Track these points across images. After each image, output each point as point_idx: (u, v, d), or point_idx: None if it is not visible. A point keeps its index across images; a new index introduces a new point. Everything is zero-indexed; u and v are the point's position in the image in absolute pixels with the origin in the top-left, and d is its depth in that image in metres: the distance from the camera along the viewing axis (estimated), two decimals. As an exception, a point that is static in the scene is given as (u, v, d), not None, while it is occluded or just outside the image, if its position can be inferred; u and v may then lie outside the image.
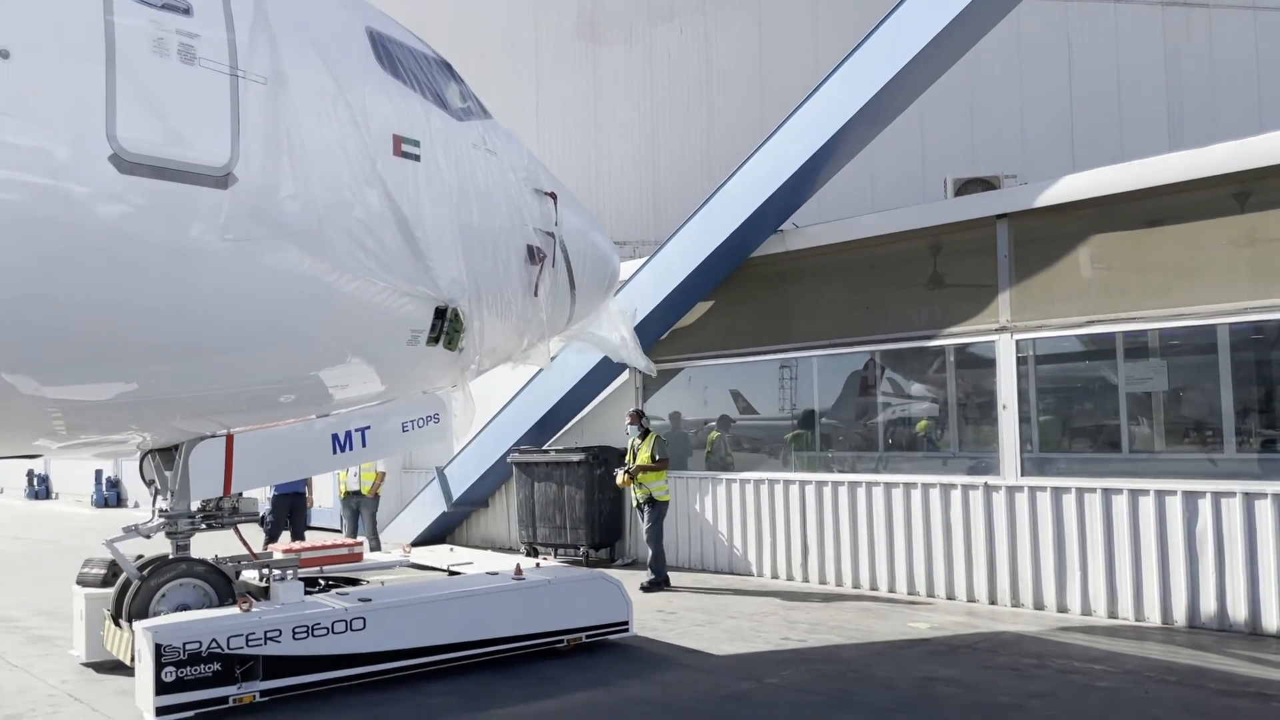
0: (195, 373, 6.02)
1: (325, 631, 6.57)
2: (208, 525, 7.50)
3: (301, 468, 9.00)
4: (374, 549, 11.99)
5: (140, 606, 6.88)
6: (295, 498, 12.25)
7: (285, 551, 8.66)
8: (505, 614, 7.47)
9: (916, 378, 11.24)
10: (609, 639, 7.98)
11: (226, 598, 7.14)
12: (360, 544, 9.88)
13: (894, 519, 10.07)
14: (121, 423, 6.49)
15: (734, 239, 10.90)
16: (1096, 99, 18.32)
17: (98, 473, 25.85)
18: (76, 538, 16.77)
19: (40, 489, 29.43)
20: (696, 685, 6.76)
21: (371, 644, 6.74)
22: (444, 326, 6.89)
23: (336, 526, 13.85)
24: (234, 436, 7.14)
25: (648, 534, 10.81)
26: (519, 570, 8.01)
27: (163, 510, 7.29)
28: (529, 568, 8.22)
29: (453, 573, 8.68)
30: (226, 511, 7.57)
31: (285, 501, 12.13)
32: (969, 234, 9.83)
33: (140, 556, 7.50)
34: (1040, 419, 9.66)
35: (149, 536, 7.29)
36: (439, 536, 14.29)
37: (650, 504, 10.87)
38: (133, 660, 6.38)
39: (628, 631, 8.04)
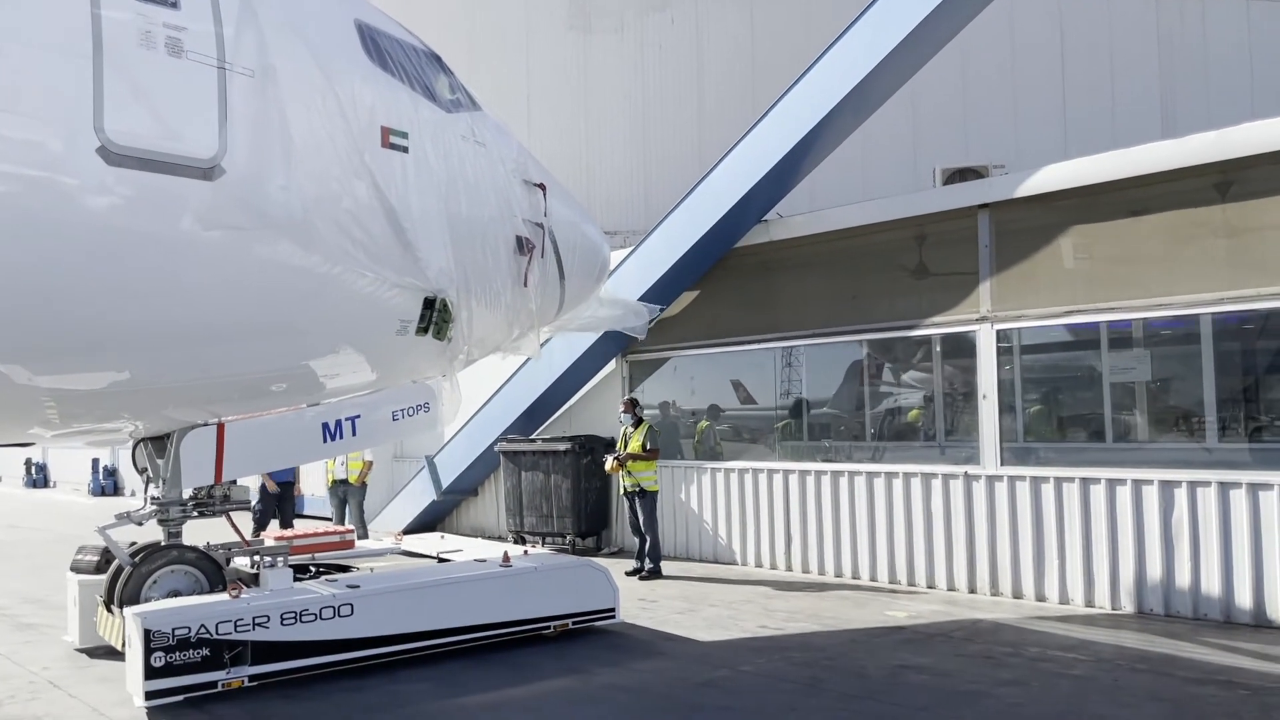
0: (186, 362, 6.11)
1: (313, 617, 6.65)
2: (199, 513, 7.61)
3: (292, 456, 9.06)
4: (361, 537, 12.03)
5: (132, 592, 6.98)
6: (284, 486, 12.30)
7: (276, 539, 8.75)
8: (492, 600, 7.56)
9: (907, 367, 11.27)
10: (596, 625, 8.05)
11: (217, 584, 7.24)
12: (351, 532, 9.98)
13: (876, 508, 10.11)
14: (113, 411, 6.58)
15: (718, 229, 10.92)
16: (1090, 88, 18.27)
17: (94, 461, 25.94)
18: (71, 526, 16.84)
19: (38, 477, 29.54)
20: (669, 673, 6.81)
21: (359, 630, 6.83)
22: (433, 317, 6.98)
23: (326, 515, 13.90)
24: (225, 425, 7.22)
25: (643, 524, 10.85)
26: (506, 558, 8.09)
27: (155, 498, 7.39)
28: (517, 555, 8.30)
29: (442, 560, 8.77)
30: (218, 499, 7.69)
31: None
32: (952, 224, 9.84)
33: (133, 543, 7.59)
34: (1027, 409, 9.69)
35: (141, 523, 7.39)
36: (429, 525, 14.33)
37: (640, 494, 10.92)
38: (124, 645, 6.47)
39: (614, 618, 8.12)
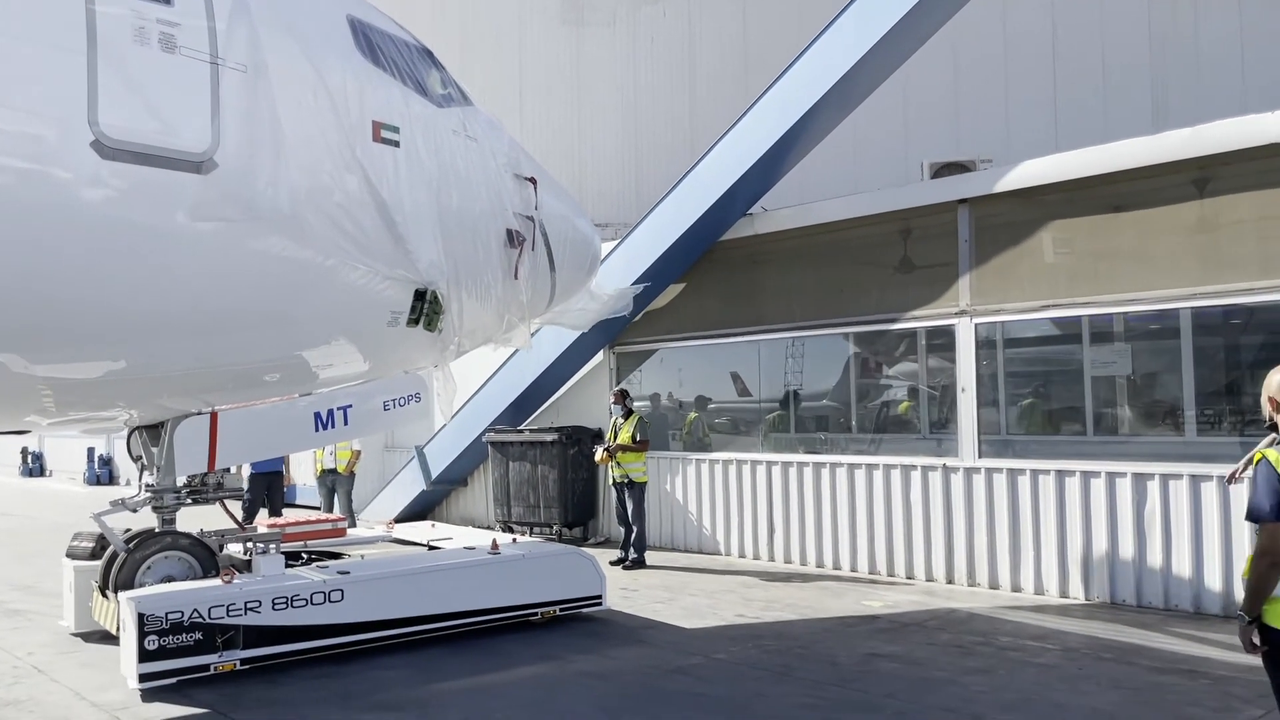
0: (180, 352, 6.24)
1: (304, 603, 6.79)
2: (193, 500, 7.75)
3: (284, 445, 9.22)
4: (349, 526, 12.14)
5: (126, 578, 7.12)
6: (273, 476, 12.42)
7: (269, 527, 8.87)
8: (481, 587, 7.70)
9: (895, 360, 11.35)
10: (583, 611, 8.19)
11: (210, 570, 7.37)
12: (343, 520, 10.15)
13: (857, 499, 10.22)
14: (109, 400, 6.72)
15: (704, 222, 11.00)
16: (1081, 82, 18.28)
17: (90, 450, 26.05)
18: (64, 515, 16.93)
19: (34, 466, 29.67)
20: (642, 660, 6.92)
21: (349, 615, 6.97)
22: (423, 308, 7.11)
23: (315, 504, 14.01)
24: (218, 414, 7.34)
25: (631, 515, 10.96)
26: (495, 545, 8.23)
27: (149, 485, 7.52)
28: (505, 543, 8.43)
29: (432, 548, 8.90)
30: (211, 487, 7.83)
31: (263, 480, 12.29)
32: (935, 218, 9.91)
33: (128, 530, 7.71)
34: (1009, 402, 9.77)
35: (136, 510, 7.51)
36: (419, 514, 14.44)
37: (629, 485, 11.01)
38: (118, 629, 6.61)
39: (601, 605, 8.25)
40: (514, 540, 8.88)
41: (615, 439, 11.13)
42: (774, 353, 11.75)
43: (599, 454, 11.25)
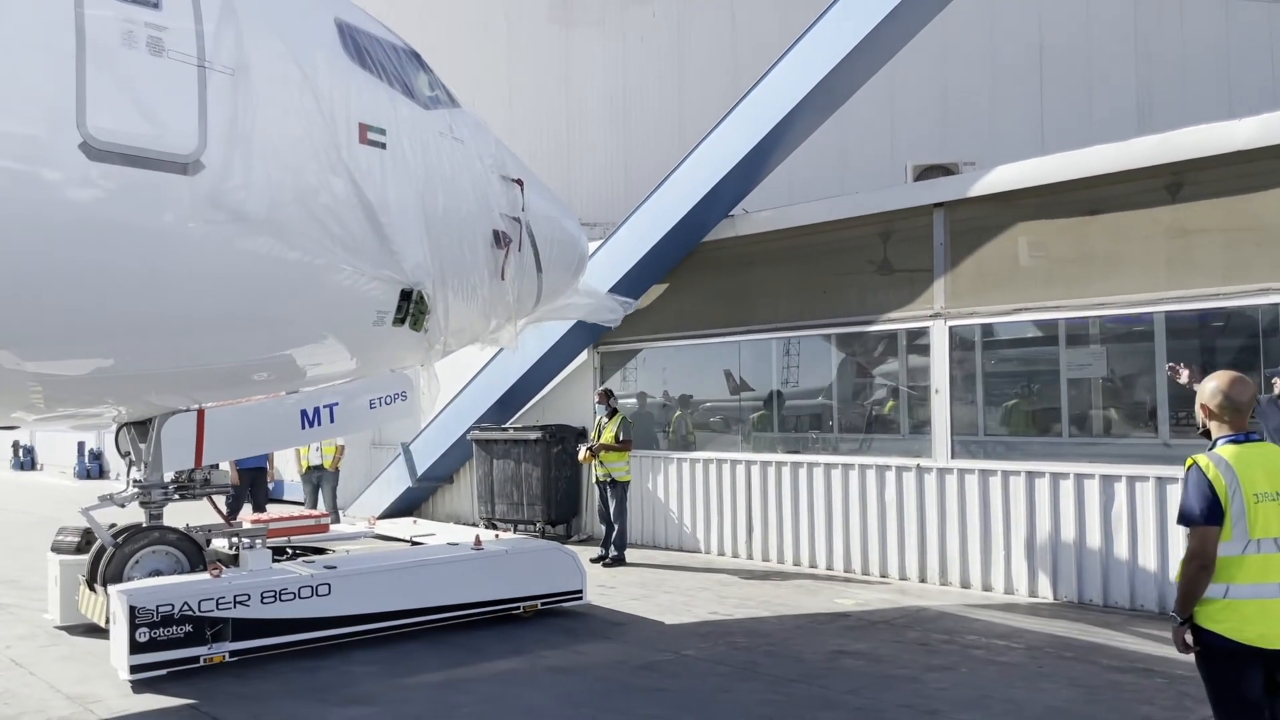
0: (168, 350, 6.36)
1: (292, 596, 6.93)
2: (180, 495, 7.86)
3: (270, 442, 9.33)
4: (334, 522, 12.25)
5: (115, 572, 7.24)
6: (257, 472, 12.51)
7: (254, 522, 8.98)
8: (464, 582, 7.86)
9: (876, 361, 11.45)
10: (563, 606, 8.35)
11: (197, 564, 7.50)
12: (326, 516, 10.27)
13: (833, 499, 10.33)
14: (97, 396, 6.85)
15: (685, 223, 11.11)
16: (1067, 86, 18.43)
17: (80, 444, 26.12)
18: (52, 509, 17.01)
19: (25, 460, 29.74)
20: (612, 656, 7.03)
21: (336, 609, 7.12)
22: (409, 308, 7.23)
23: (299, 500, 14.11)
24: (205, 411, 7.46)
25: (613, 513, 11.06)
26: (478, 541, 8.37)
27: (137, 480, 7.64)
28: (488, 539, 8.57)
29: (415, 543, 9.03)
30: (199, 483, 7.94)
31: (247, 476, 12.38)
32: (913, 221, 10.01)
33: (113, 525, 7.82)
34: (987, 403, 9.89)
35: (124, 505, 7.63)
36: (405, 511, 14.51)
37: (611, 484, 11.12)
38: (107, 622, 6.75)
39: (582, 599, 8.42)
40: (497, 536, 9.03)
41: (599, 438, 11.24)
42: (757, 353, 11.87)
43: (582, 453, 11.35)
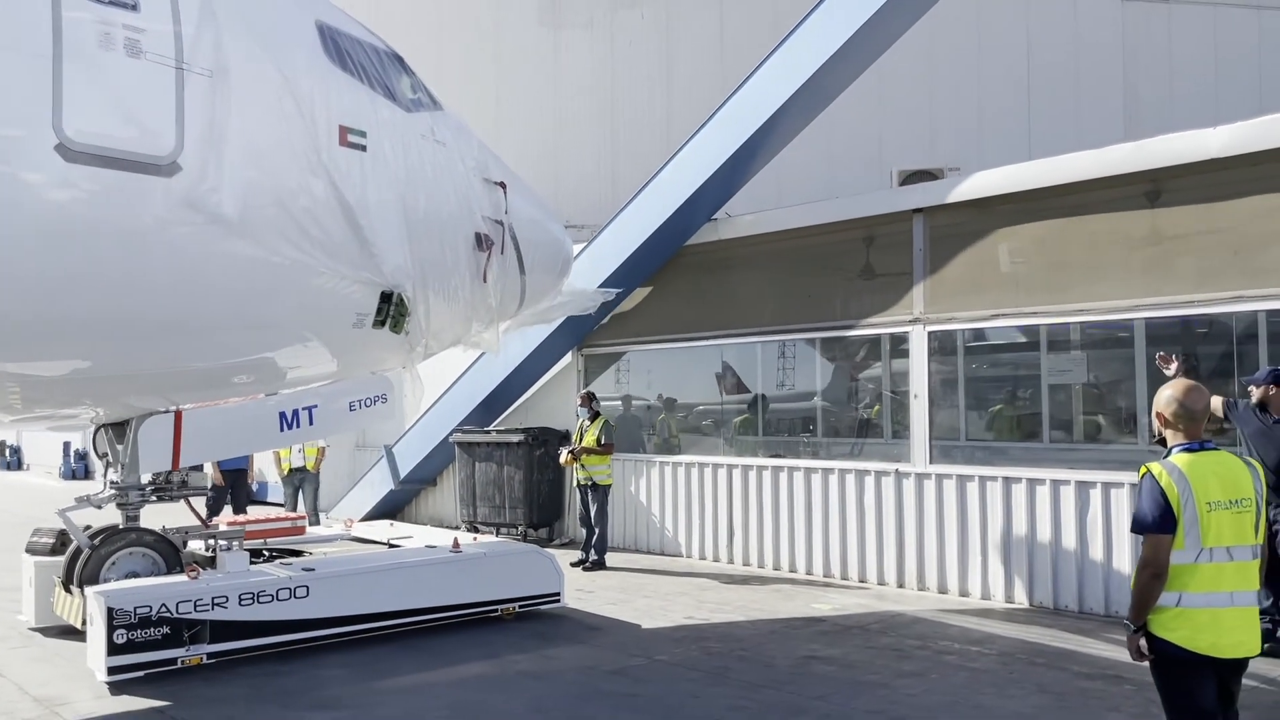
0: (145, 351, 6.35)
1: (270, 598, 6.93)
2: (158, 497, 7.86)
3: (249, 444, 9.35)
4: (314, 524, 12.22)
5: (91, 573, 7.21)
6: (237, 474, 12.49)
7: (230, 524, 8.96)
8: (442, 584, 7.87)
9: (861, 366, 11.46)
10: (540, 609, 8.38)
11: (174, 566, 7.48)
12: (303, 518, 10.23)
13: (813, 503, 10.34)
14: (75, 397, 6.84)
15: (667, 227, 11.10)
16: (1054, 92, 18.46)
17: (66, 445, 26.04)
18: (33, 509, 16.93)
19: (11, 460, 29.64)
20: (584, 660, 7.02)
21: (314, 611, 7.12)
22: (389, 310, 7.23)
23: (279, 502, 14.07)
24: (182, 413, 7.45)
25: (594, 517, 11.05)
26: (457, 544, 8.38)
27: (114, 482, 7.61)
28: (467, 542, 8.57)
29: (393, 546, 9.00)
30: (176, 484, 7.95)
31: (227, 478, 12.35)
32: (894, 226, 10.03)
33: (89, 527, 7.80)
34: (969, 408, 9.90)
35: (100, 507, 7.61)
36: (388, 514, 14.48)
37: (593, 488, 11.11)
38: (84, 624, 6.72)
39: (559, 602, 8.44)
40: (475, 539, 9.04)
41: (581, 441, 11.23)
42: (741, 356, 11.87)
43: (564, 456, 11.34)
